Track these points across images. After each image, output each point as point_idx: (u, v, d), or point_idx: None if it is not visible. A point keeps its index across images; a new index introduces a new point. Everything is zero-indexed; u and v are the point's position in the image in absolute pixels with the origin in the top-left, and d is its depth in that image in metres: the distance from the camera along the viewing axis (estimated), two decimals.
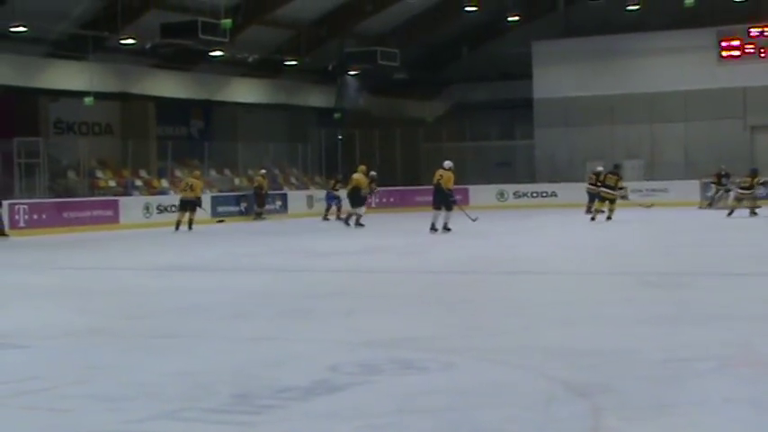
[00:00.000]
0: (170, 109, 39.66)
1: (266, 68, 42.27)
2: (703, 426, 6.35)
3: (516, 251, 20.70)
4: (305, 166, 44.01)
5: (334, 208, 34.16)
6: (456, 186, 33.02)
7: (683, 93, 42.95)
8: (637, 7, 42.42)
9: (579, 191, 36.18)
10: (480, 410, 6.69)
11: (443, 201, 25.27)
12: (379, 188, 37.36)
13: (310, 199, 40.01)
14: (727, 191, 34.30)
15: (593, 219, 29.57)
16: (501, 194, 42.59)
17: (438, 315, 11.34)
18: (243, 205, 36.68)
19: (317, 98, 46.39)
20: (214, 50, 37.25)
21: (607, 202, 29.85)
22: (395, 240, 24.46)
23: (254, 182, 37.02)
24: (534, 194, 42.27)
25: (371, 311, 11.77)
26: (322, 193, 39.05)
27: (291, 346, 9.42)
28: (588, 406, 6.81)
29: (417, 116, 50.33)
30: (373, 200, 38.60)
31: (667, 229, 26.38)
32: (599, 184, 31.10)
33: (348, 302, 12.54)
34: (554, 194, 40.39)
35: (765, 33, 42.44)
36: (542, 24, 46.45)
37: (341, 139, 45.31)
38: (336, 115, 46.01)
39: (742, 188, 31.04)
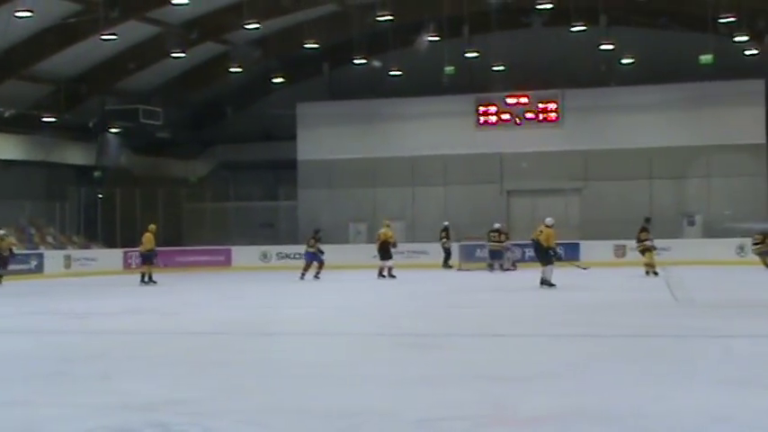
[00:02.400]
0: None
1: (23, 124, 41.00)
2: None
3: (277, 313, 20.70)
4: (63, 224, 42.82)
5: (315, 264, 31.98)
6: (218, 247, 32.47)
7: (443, 157, 44.06)
8: (399, 73, 43.53)
9: (343, 252, 36.41)
10: None
11: (539, 256, 25.46)
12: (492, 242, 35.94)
13: (68, 258, 38.90)
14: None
15: (655, 273, 29.35)
16: (264, 255, 42.43)
17: (197, 377, 11.17)
18: None
19: (76, 155, 45.30)
20: None
21: (646, 254, 30.03)
22: (154, 301, 24.05)
23: None
24: (297, 256, 42.10)
25: (129, 374, 11.49)
26: (80, 253, 38.12)
27: (44, 411, 9.10)
28: None
29: (180, 176, 49.87)
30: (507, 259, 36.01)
31: (426, 291, 26.83)
32: (503, 240, 34.83)
33: (104, 365, 12.22)
34: None
35: (521, 101, 44.10)
36: (307, 86, 47.02)
37: (101, 198, 44.37)
38: (96, 173, 45.11)
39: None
